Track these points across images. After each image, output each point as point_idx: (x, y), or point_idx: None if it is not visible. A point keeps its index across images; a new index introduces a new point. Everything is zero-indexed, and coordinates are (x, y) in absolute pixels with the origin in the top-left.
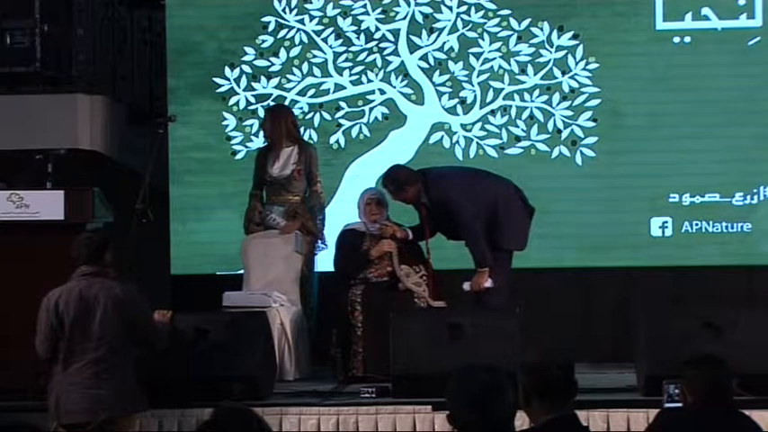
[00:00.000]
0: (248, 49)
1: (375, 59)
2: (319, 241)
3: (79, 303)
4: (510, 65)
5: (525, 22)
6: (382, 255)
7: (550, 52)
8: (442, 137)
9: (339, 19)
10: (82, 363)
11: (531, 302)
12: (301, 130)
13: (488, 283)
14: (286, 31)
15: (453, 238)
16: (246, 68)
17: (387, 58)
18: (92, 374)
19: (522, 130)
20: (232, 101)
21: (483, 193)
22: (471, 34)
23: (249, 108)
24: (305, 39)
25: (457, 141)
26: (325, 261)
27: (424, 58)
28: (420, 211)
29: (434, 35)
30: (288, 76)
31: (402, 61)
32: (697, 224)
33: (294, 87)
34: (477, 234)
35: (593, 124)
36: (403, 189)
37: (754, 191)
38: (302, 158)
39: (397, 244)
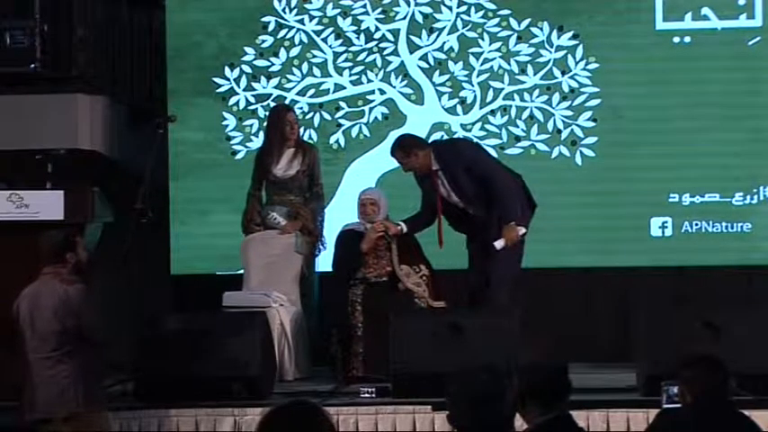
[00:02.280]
0: (248, 49)
1: (375, 59)
2: (319, 242)
3: (28, 302)
4: (510, 65)
5: (525, 22)
6: (381, 253)
7: (550, 52)
8: (442, 137)
9: (339, 19)
10: (32, 360)
11: (531, 302)
12: (301, 130)
13: (522, 231)
14: (286, 31)
15: (465, 206)
16: (246, 68)
17: (387, 58)
18: (38, 373)
19: (522, 130)
20: (232, 101)
21: (489, 161)
22: (471, 34)
23: (249, 108)
24: (305, 39)
25: None
26: (324, 261)
27: (423, 58)
28: (432, 180)
29: (434, 35)
30: (288, 75)
31: (402, 61)
32: (697, 224)
33: (294, 87)
34: (505, 184)
35: (592, 124)
36: (413, 153)
37: (754, 191)
38: (306, 160)
39: (389, 240)
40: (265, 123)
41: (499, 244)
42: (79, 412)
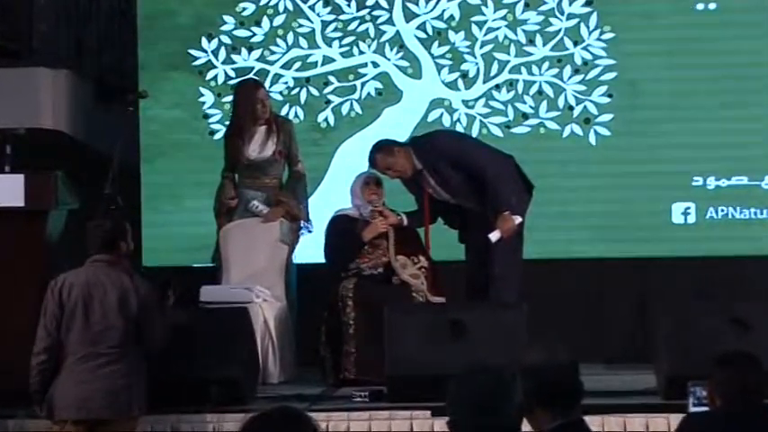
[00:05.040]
0: (227, 18)
1: (367, 29)
2: (303, 224)
3: (82, 290)
4: (516, 35)
5: None
6: (377, 242)
7: (561, 21)
8: (442, 114)
9: None
10: (79, 355)
11: (538, 297)
12: (286, 107)
13: (518, 220)
14: None
15: (458, 202)
16: (225, 39)
17: (380, 27)
18: (87, 369)
19: (530, 106)
20: (209, 75)
21: (475, 149)
22: (474, 1)
23: (228, 83)
24: (290, 6)
25: (458, 119)
26: (310, 249)
27: (421, 27)
28: (419, 181)
29: (433, 2)
30: (271, 47)
31: (397, 31)
32: (723, 210)
33: (278, 60)
34: (496, 172)
35: (608, 100)
36: (394, 151)
37: None
38: (281, 137)
39: (391, 232)
40: (232, 99)
41: (494, 236)
42: (125, 417)
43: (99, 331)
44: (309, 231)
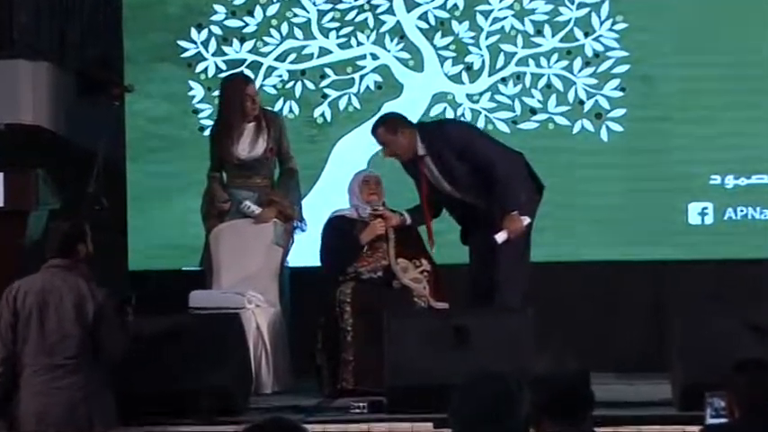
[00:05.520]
0: (218, 7)
1: (366, 19)
2: (296, 223)
3: (37, 297)
4: (524, 25)
5: None
6: (376, 244)
7: (571, 10)
8: (445, 109)
9: None
10: (36, 367)
11: (546, 301)
12: (280, 101)
13: (527, 221)
14: None
15: (459, 193)
16: (216, 29)
17: (380, 17)
18: (43, 382)
19: (539, 101)
20: (199, 67)
21: (484, 143)
22: None
23: (219, 76)
24: None
25: (462, 114)
26: (305, 252)
27: (423, 17)
28: (419, 168)
29: None
30: (264, 38)
31: (398, 21)
32: (742, 210)
33: (272, 52)
34: (505, 169)
35: (620, 94)
36: (398, 130)
37: None
38: (272, 134)
39: (391, 233)
40: (219, 96)
41: (501, 237)
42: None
43: (55, 341)
44: (303, 230)
